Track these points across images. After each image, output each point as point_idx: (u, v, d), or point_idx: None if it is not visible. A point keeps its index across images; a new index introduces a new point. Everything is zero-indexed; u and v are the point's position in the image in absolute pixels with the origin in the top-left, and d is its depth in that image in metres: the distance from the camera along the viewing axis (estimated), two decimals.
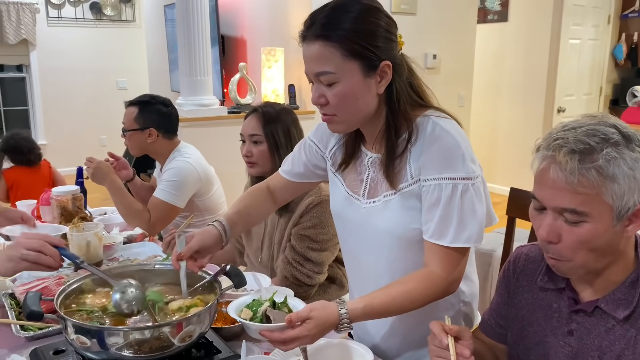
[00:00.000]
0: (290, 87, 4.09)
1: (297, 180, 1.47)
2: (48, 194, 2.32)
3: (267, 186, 1.52)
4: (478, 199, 1.15)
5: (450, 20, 4.58)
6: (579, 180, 0.89)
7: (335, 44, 1.10)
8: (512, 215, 1.83)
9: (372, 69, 1.12)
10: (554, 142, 0.92)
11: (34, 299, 1.12)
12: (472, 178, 1.14)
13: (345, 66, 1.11)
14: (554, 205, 0.93)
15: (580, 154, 0.89)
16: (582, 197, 0.90)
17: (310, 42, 1.13)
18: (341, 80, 1.12)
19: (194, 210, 2.33)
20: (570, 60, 5.57)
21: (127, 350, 1.06)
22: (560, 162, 0.90)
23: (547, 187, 0.94)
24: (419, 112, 1.20)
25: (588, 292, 1.02)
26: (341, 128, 1.22)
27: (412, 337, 1.33)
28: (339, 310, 1.10)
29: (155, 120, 2.30)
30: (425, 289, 1.15)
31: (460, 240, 1.14)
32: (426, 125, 1.17)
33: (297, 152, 1.46)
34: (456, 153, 1.13)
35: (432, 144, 1.15)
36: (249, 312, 1.18)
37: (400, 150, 1.19)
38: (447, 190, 1.13)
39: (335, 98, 1.14)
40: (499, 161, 5.74)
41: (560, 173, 0.90)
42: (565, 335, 1.04)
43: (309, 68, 1.15)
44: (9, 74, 6.95)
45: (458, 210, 1.13)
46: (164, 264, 1.38)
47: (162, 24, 5.62)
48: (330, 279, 1.90)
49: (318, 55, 1.12)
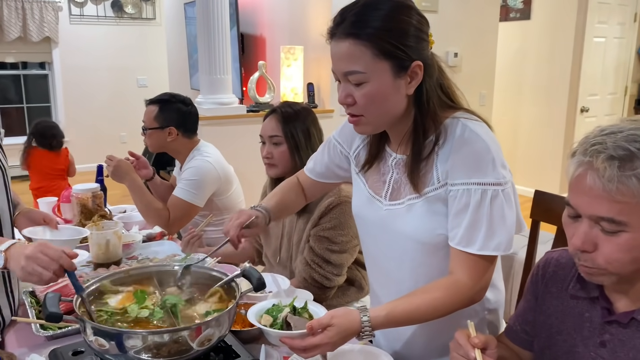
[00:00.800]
0: (309, 86, 4.07)
1: (319, 179, 1.47)
2: (69, 191, 2.34)
3: (298, 180, 1.53)
4: (508, 205, 1.11)
5: (472, 18, 4.52)
6: (617, 189, 0.84)
7: (366, 42, 1.06)
8: (536, 219, 1.79)
9: (402, 70, 1.09)
10: (591, 147, 0.88)
11: (53, 301, 1.11)
12: (502, 184, 1.10)
13: (376, 66, 1.07)
14: (590, 213, 0.89)
15: (620, 160, 0.84)
16: (621, 206, 0.85)
17: (340, 40, 1.09)
18: (370, 80, 1.09)
19: (213, 209, 2.33)
20: (595, 59, 5.46)
21: (145, 353, 1.05)
22: (598, 168, 0.86)
23: (584, 195, 0.89)
24: (447, 114, 1.16)
25: (623, 303, 0.98)
26: (368, 129, 1.19)
27: (435, 344, 1.30)
28: (361, 317, 1.07)
29: (175, 119, 2.30)
30: (450, 297, 1.11)
31: (489, 248, 1.10)
32: (455, 127, 1.13)
33: (320, 152, 1.45)
34: (486, 157, 1.10)
35: (461, 148, 1.11)
36: (269, 318, 1.16)
37: (427, 153, 1.15)
38: (476, 195, 1.09)
39: (364, 98, 1.10)
40: (520, 162, 5.65)
41: (597, 180, 0.86)
42: (597, 346, 1.00)
43: (337, 67, 1.12)
44: (32, 71, 7.05)
45: (487, 217, 1.09)
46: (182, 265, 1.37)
47: (182, 22, 5.64)
48: (349, 281, 1.88)
49: (348, 54, 1.08)
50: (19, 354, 1.27)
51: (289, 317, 1.14)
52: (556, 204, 1.65)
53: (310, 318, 1.16)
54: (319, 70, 4.07)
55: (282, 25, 4.44)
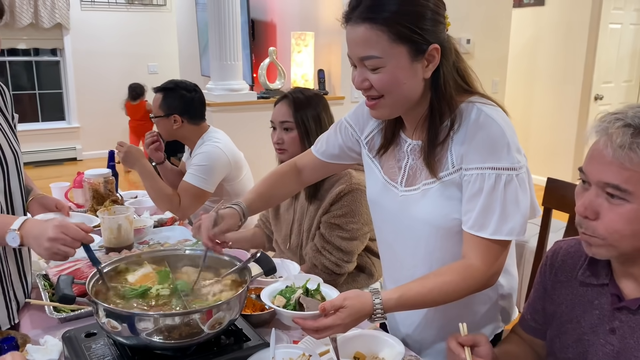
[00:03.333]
0: (320, 72, 4.05)
1: (330, 160, 1.45)
2: (80, 176, 2.35)
3: (295, 165, 1.50)
4: (522, 190, 1.10)
5: (485, 4, 4.47)
6: (627, 155, 0.84)
7: (383, 26, 1.05)
8: (548, 207, 1.77)
9: (420, 53, 1.08)
10: (611, 115, 0.88)
11: (66, 283, 1.12)
12: (516, 169, 1.09)
13: (393, 50, 1.06)
14: (597, 178, 0.89)
15: (635, 128, 0.84)
16: (629, 174, 0.85)
17: (356, 25, 1.08)
18: (387, 65, 1.07)
19: (223, 194, 2.34)
20: (610, 46, 5.37)
21: (157, 335, 1.06)
22: (612, 134, 0.86)
23: (595, 161, 0.90)
24: (463, 98, 1.15)
25: (633, 289, 0.97)
26: (385, 113, 1.18)
27: (449, 329, 1.30)
28: (373, 300, 1.08)
29: (179, 106, 2.30)
30: (463, 281, 1.11)
31: (502, 232, 1.10)
32: (470, 111, 1.13)
33: (332, 133, 1.43)
34: (501, 142, 1.09)
35: (476, 132, 1.10)
36: (282, 299, 1.17)
37: (442, 138, 1.14)
38: (490, 180, 1.09)
39: (380, 83, 1.09)
40: (532, 149, 5.60)
41: (609, 145, 0.86)
42: (607, 333, 0.99)
43: (353, 51, 1.11)
44: (44, 58, 7.07)
45: (501, 201, 1.09)
46: (194, 249, 1.38)
47: (192, 8, 5.63)
48: (359, 267, 1.88)
49: (364, 39, 1.07)
50: (33, 336, 1.28)
51: (302, 299, 1.15)
52: (568, 192, 1.63)
53: (323, 300, 1.17)
54: (330, 57, 4.04)
55: (293, 11, 4.41)
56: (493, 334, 1.34)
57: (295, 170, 1.50)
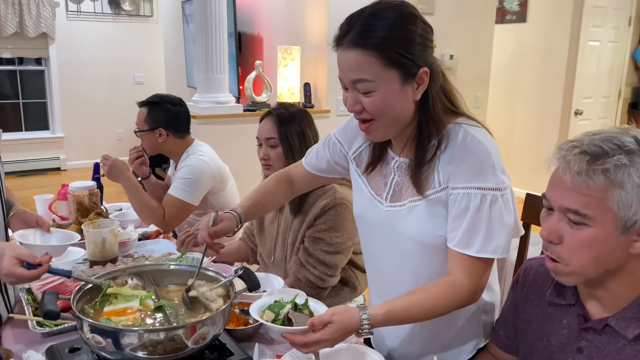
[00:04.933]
0: (306, 86, 4.08)
1: (318, 174, 1.49)
2: (65, 188, 2.35)
3: (287, 174, 1.54)
4: (507, 210, 1.14)
5: (468, 20, 4.55)
6: (585, 181, 0.88)
7: (374, 52, 1.08)
8: (527, 222, 1.82)
9: (410, 77, 1.11)
10: (569, 143, 0.92)
11: (51, 299, 1.13)
12: (501, 189, 1.13)
13: (384, 74, 1.09)
14: (559, 204, 0.93)
15: (590, 155, 0.89)
16: (587, 199, 0.89)
17: (347, 50, 1.10)
18: (379, 89, 1.11)
19: (208, 207, 2.35)
20: (589, 62, 5.49)
21: (141, 351, 1.07)
22: (570, 161, 0.90)
23: (556, 187, 0.94)
24: (450, 119, 1.19)
25: (597, 309, 1.00)
26: (379, 135, 1.20)
27: (433, 344, 1.33)
28: (361, 315, 1.10)
29: (164, 120, 2.32)
30: (448, 298, 1.14)
31: (487, 250, 1.13)
32: (457, 132, 1.16)
33: (321, 147, 1.47)
34: (487, 163, 1.12)
35: (462, 153, 1.14)
36: (271, 314, 1.19)
37: (430, 157, 1.18)
38: (475, 199, 1.12)
39: (372, 106, 1.12)
40: (514, 164, 5.68)
41: (568, 172, 0.90)
42: (575, 352, 1.02)
43: (345, 75, 1.13)
44: (28, 67, 7.02)
45: (486, 221, 1.12)
46: (179, 265, 1.39)
47: (179, 20, 5.65)
48: (343, 281, 1.90)
49: (355, 63, 1.10)
50: (16, 351, 1.28)
51: (291, 314, 1.17)
52: None
53: (311, 315, 1.20)
54: (316, 71, 4.08)
55: (280, 25, 4.45)
56: (476, 348, 1.36)
57: (287, 180, 1.54)
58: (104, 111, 7.17)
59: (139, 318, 1.21)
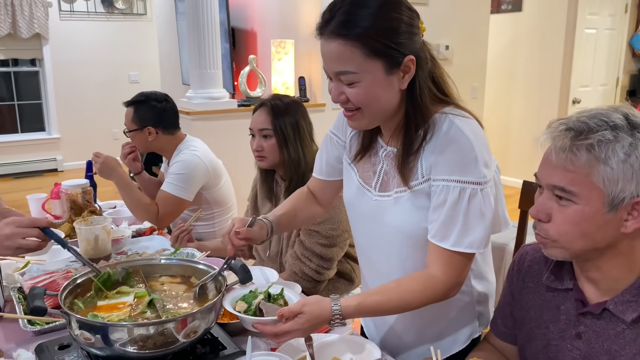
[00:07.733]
0: (301, 80, 4.05)
1: (327, 178, 1.43)
2: (58, 187, 2.32)
3: (308, 189, 1.50)
4: (486, 205, 1.11)
5: (463, 10, 4.52)
6: (569, 157, 0.87)
7: (357, 42, 1.04)
8: (524, 209, 1.80)
9: (395, 66, 1.07)
10: (557, 121, 0.92)
11: (38, 294, 1.11)
12: (482, 183, 1.09)
13: (368, 65, 1.06)
14: (547, 182, 0.93)
15: (575, 132, 0.88)
16: (572, 176, 0.88)
17: (329, 40, 1.06)
18: (363, 80, 1.07)
19: (202, 203, 2.33)
20: (586, 50, 5.47)
21: (131, 346, 1.05)
22: (555, 137, 0.90)
23: (544, 165, 0.94)
24: (437, 108, 1.15)
25: (595, 294, 0.98)
26: (363, 124, 1.17)
27: (426, 334, 1.32)
28: (332, 306, 1.09)
29: (151, 118, 2.29)
30: (422, 292, 1.12)
31: (462, 244, 1.10)
32: (442, 123, 1.12)
33: (320, 151, 1.44)
34: (469, 156, 1.09)
35: (445, 144, 1.11)
36: (244, 304, 1.19)
37: (416, 147, 1.15)
38: (454, 193, 1.09)
39: (357, 97, 1.09)
40: (511, 153, 5.66)
41: (553, 150, 0.90)
42: (574, 338, 1.00)
43: (328, 66, 1.10)
44: (22, 68, 6.99)
45: (463, 214, 1.09)
46: (169, 259, 1.37)
47: (173, 17, 5.61)
48: (339, 273, 1.88)
49: (338, 54, 1.06)
50: (6, 350, 1.26)
51: (262, 304, 1.18)
52: None
53: (285, 304, 1.20)
54: (310, 64, 4.05)
55: (273, 19, 4.42)
56: (470, 338, 1.35)
57: (310, 195, 1.50)
58: (100, 111, 7.13)
59: (128, 312, 1.19)
